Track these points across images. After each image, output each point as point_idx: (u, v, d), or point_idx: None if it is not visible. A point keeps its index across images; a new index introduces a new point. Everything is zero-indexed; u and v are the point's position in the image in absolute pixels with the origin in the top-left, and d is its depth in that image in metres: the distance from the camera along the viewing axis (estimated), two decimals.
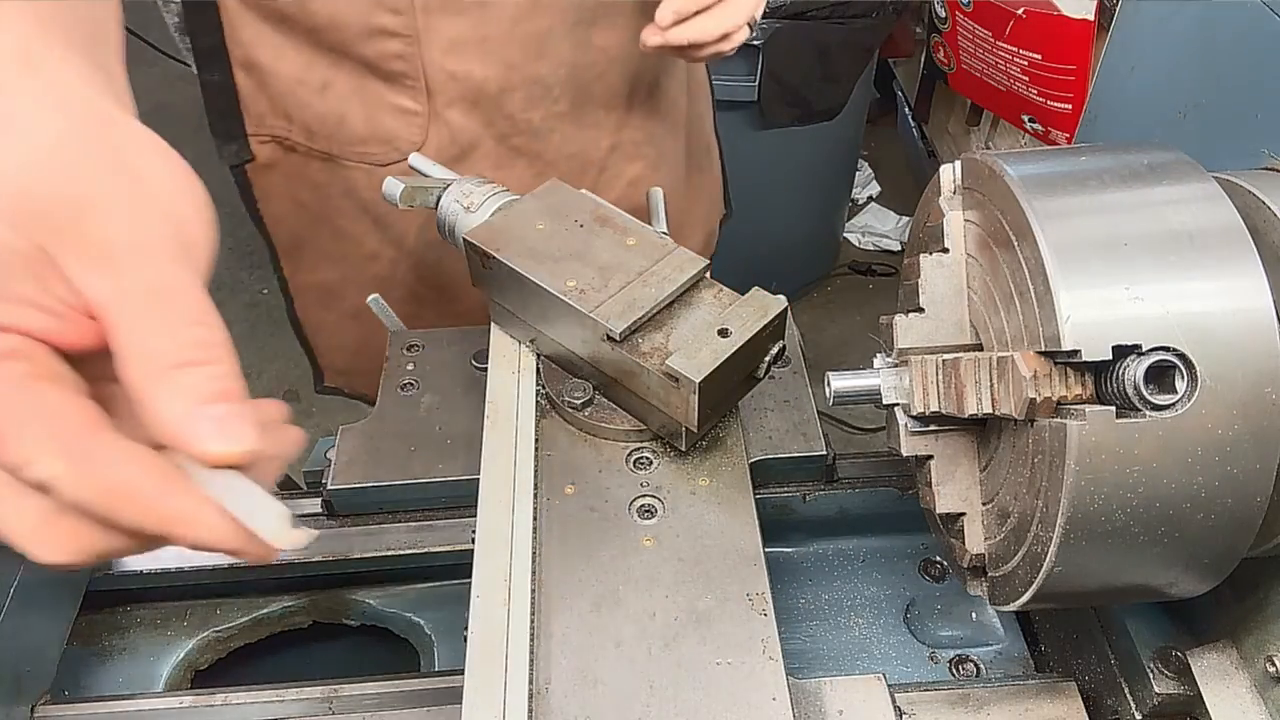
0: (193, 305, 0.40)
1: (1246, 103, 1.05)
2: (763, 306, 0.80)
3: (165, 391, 0.38)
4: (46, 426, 0.37)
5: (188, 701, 0.79)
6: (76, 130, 0.42)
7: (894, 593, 0.92)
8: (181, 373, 0.38)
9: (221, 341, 0.40)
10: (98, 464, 0.37)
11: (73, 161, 0.40)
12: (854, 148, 2.94)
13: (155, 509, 0.38)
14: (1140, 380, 0.54)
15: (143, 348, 0.38)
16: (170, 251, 0.41)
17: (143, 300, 0.39)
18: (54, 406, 0.38)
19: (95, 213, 0.39)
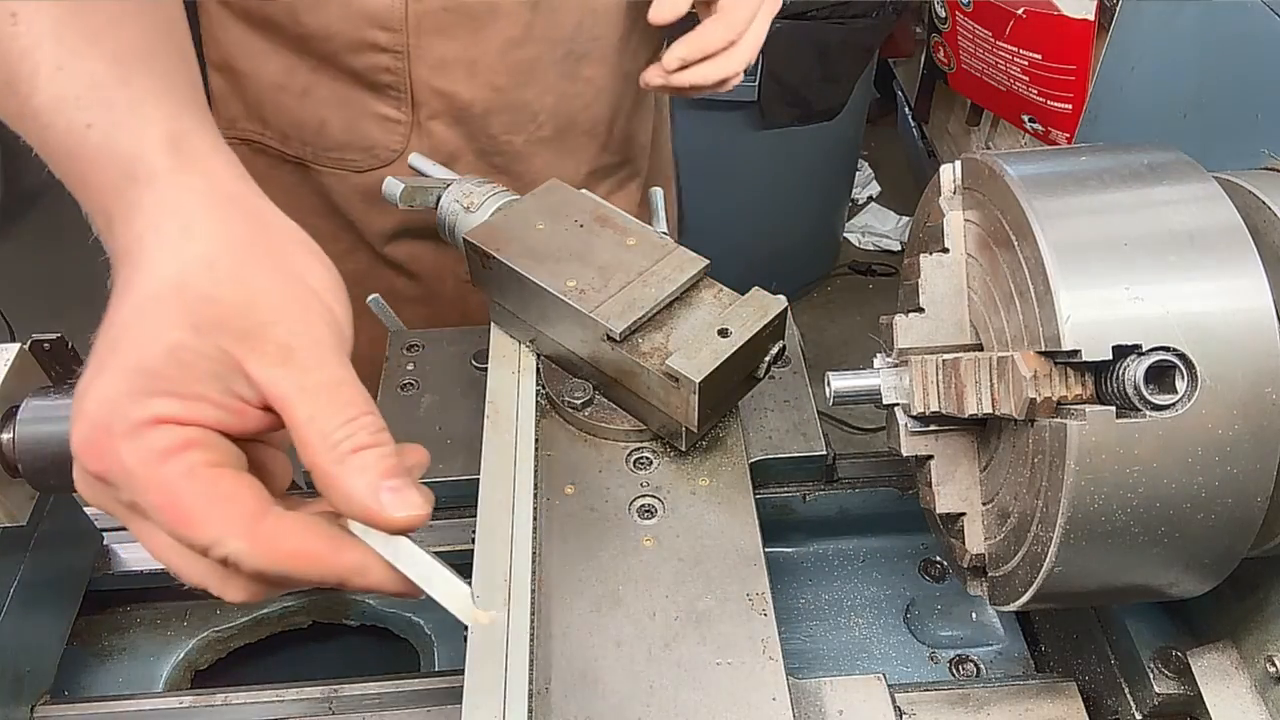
0: (359, 396, 0.46)
1: (1246, 103, 1.05)
2: (763, 306, 0.80)
3: (349, 473, 0.44)
4: (226, 511, 0.43)
5: (187, 701, 0.79)
6: (241, 235, 0.47)
7: (894, 593, 0.92)
8: (359, 456, 0.44)
9: (382, 424, 0.46)
10: (272, 539, 0.43)
11: (245, 267, 0.46)
12: (854, 148, 2.94)
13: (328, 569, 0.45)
14: (1140, 380, 0.53)
15: (326, 438, 0.44)
16: (334, 345, 0.47)
17: (321, 396, 0.45)
18: (230, 492, 0.44)
19: (272, 316, 0.45)
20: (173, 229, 0.46)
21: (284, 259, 0.48)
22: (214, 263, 0.46)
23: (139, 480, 0.43)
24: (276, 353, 0.45)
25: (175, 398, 0.44)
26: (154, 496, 0.43)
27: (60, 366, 0.78)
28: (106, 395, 0.44)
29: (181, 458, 0.43)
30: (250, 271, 0.46)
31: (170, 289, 0.45)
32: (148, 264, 0.46)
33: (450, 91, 1.02)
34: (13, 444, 0.69)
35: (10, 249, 3.27)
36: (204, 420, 0.44)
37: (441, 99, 1.02)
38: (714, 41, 0.89)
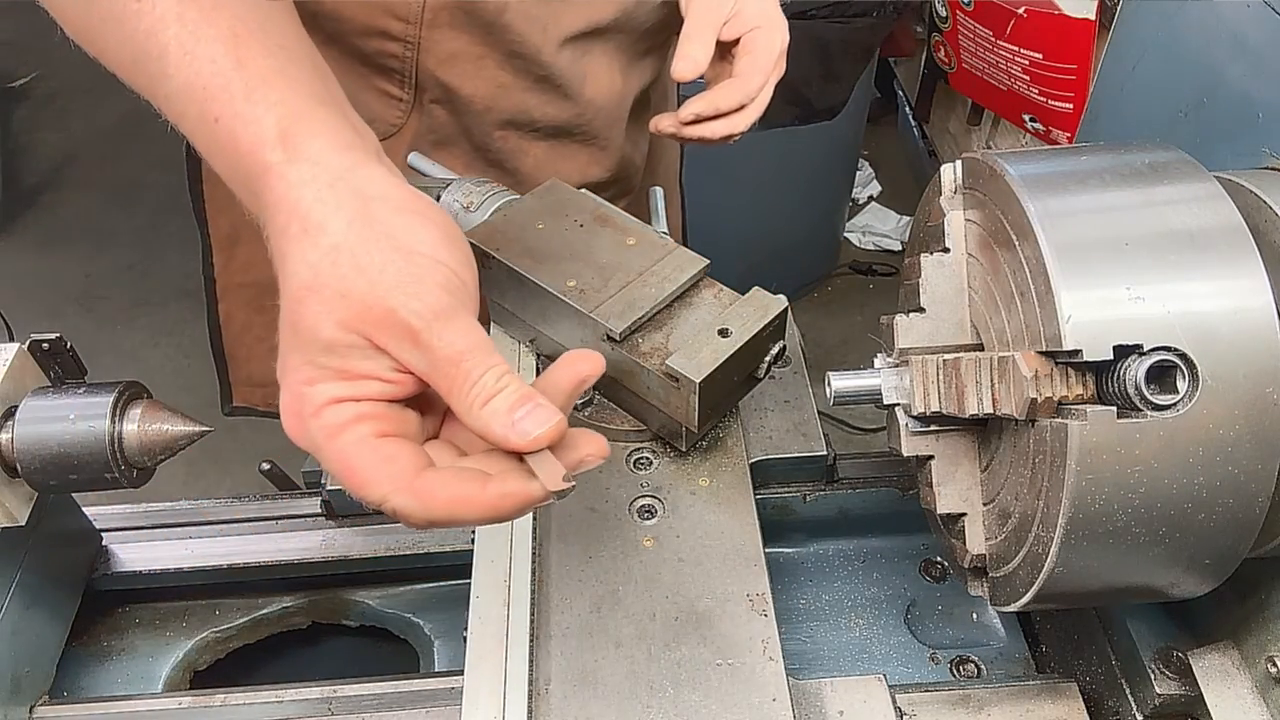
0: (480, 355, 0.53)
1: (1247, 102, 1.05)
2: (763, 306, 0.80)
3: (485, 422, 0.52)
4: (390, 472, 0.52)
5: (186, 702, 0.79)
6: (352, 219, 0.54)
7: (894, 593, 0.92)
8: (489, 406, 0.52)
9: (503, 365, 0.54)
10: (429, 494, 0.52)
11: (362, 254, 0.53)
12: (854, 147, 2.93)
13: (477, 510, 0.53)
14: (1141, 380, 0.53)
15: (462, 401, 0.53)
16: (451, 308, 0.53)
17: (448, 369, 0.53)
18: (392, 455, 0.52)
19: (394, 299, 0.52)
20: (297, 226, 0.54)
21: (393, 233, 0.54)
22: (338, 257, 0.53)
23: (324, 451, 0.53)
24: (405, 335, 0.52)
25: (342, 380, 0.53)
26: (334, 464, 0.53)
27: (60, 367, 0.78)
28: (294, 388, 0.53)
29: (353, 430, 0.52)
30: (369, 256, 0.53)
31: (312, 286, 0.53)
32: (292, 260, 0.54)
33: (454, 85, 1.03)
34: (12, 444, 0.69)
35: (10, 249, 3.27)
36: (369, 394, 0.53)
37: (443, 89, 1.03)
38: (729, 102, 0.93)
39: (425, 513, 0.52)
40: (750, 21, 0.95)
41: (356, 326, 0.52)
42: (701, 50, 0.92)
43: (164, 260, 3.20)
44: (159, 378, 2.80)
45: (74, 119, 3.79)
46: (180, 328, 3.00)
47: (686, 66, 0.91)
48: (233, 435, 2.66)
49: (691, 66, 0.92)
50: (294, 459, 1.27)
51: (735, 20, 0.94)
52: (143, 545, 0.91)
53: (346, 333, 0.52)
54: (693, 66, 0.92)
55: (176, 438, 0.72)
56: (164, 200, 3.37)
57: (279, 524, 0.92)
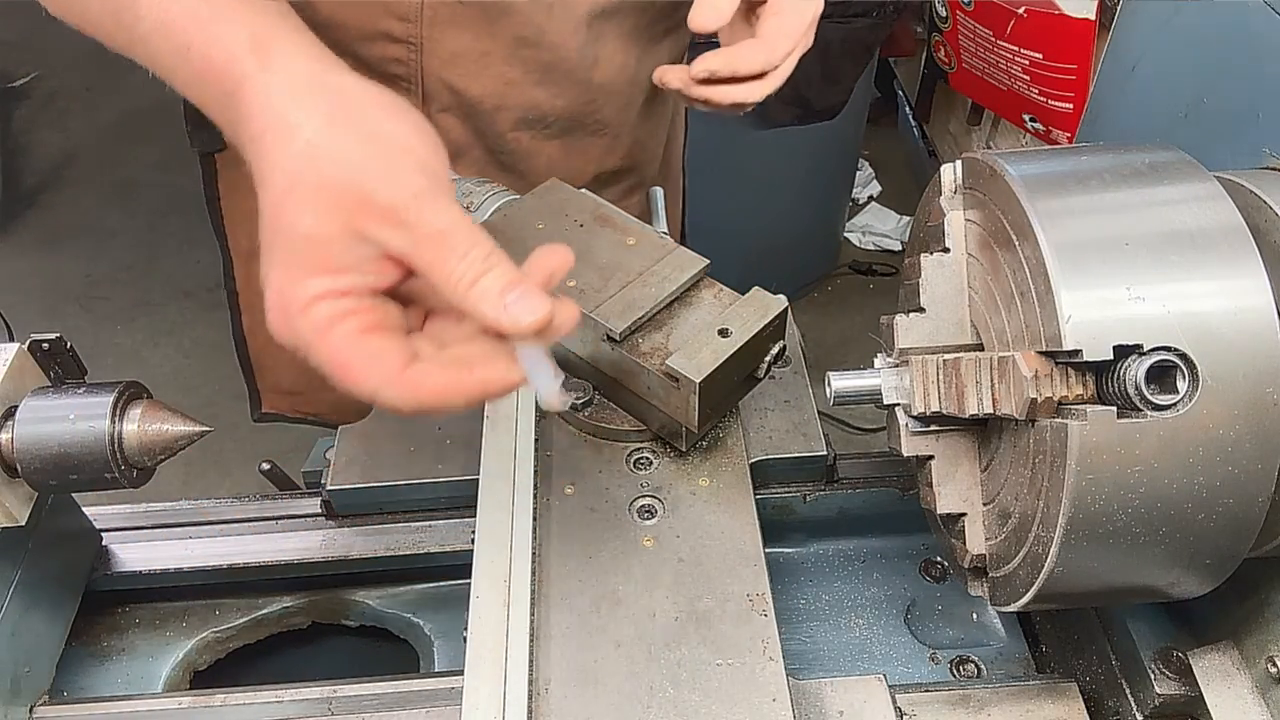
0: (462, 233, 0.55)
1: (1247, 102, 1.05)
2: (763, 306, 0.80)
3: (475, 302, 0.54)
4: (378, 367, 0.54)
5: (186, 702, 0.79)
6: (327, 115, 0.55)
7: (895, 593, 0.92)
8: (480, 283, 0.54)
9: (493, 247, 0.55)
10: (416, 386, 0.54)
11: (339, 145, 0.54)
12: (854, 147, 2.93)
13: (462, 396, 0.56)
14: (1141, 380, 0.53)
15: (448, 279, 0.54)
16: (429, 189, 0.55)
17: (431, 246, 0.54)
18: (380, 350, 0.54)
19: (372, 183, 0.53)
20: (275, 126, 0.55)
21: (367, 124, 0.56)
22: (314, 152, 0.54)
23: (314, 348, 0.54)
24: (385, 216, 0.53)
25: (325, 274, 0.54)
26: (325, 360, 0.54)
27: (59, 367, 0.78)
28: (278, 285, 0.54)
29: (341, 326, 0.54)
30: (344, 147, 0.54)
31: (289, 187, 0.54)
32: (268, 164, 0.55)
33: (460, 86, 1.01)
34: (12, 444, 0.69)
35: (10, 249, 3.27)
36: (353, 287, 0.54)
37: (451, 93, 1.02)
38: (748, 65, 0.85)
39: (415, 403, 0.55)
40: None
41: (337, 215, 0.53)
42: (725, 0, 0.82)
43: (164, 260, 3.21)
44: (159, 378, 2.80)
45: (74, 119, 3.79)
46: (180, 328, 3.01)
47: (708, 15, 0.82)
48: (233, 435, 2.66)
49: (714, 16, 0.82)
50: (294, 459, 1.27)
51: None
52: (143, 545, 0.91)
53: (327, 222, 0.53)
54: (715, 16, 0.82)
55: (176, 438, 0.72)
56: (164, 200, 3.37)
57: (279, 524, 0.92)
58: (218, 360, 2.90)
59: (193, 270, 3.14)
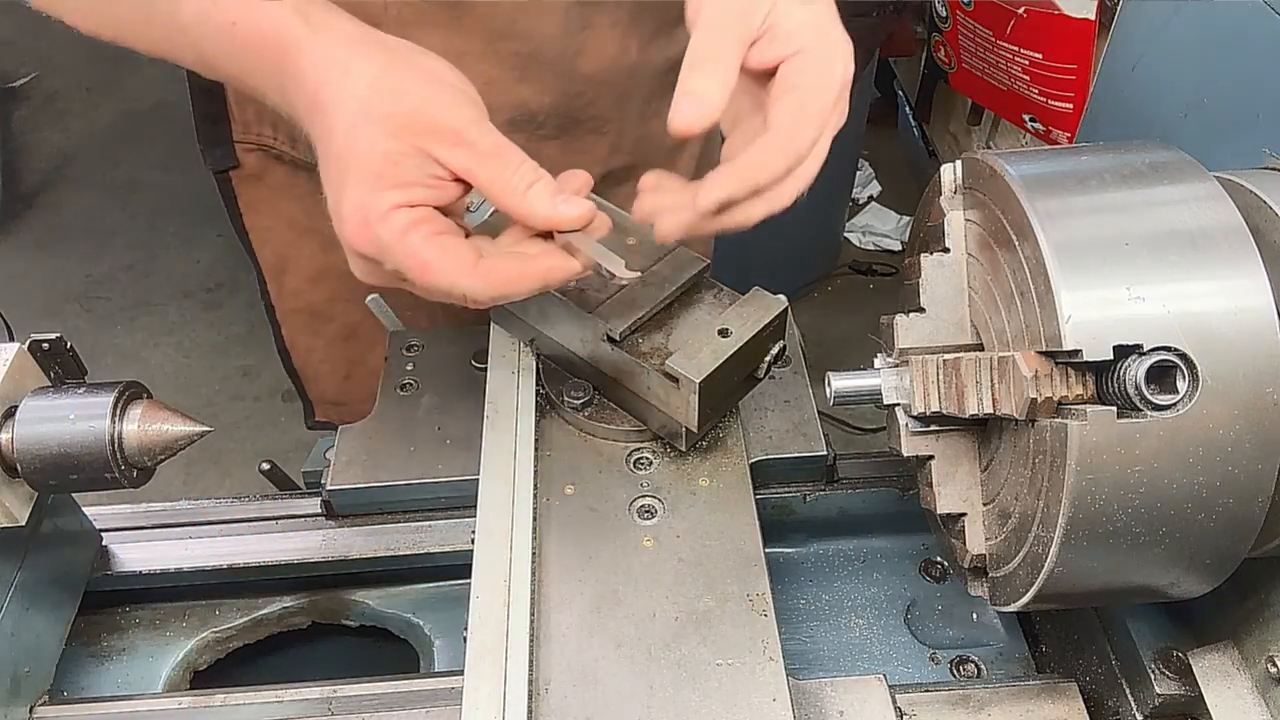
0: (515, 151, 0.64)
1: (1247, 102, 1.05)
2: (763, 306, 0.80)
3: (532, 203, 0.64)
4: (455, 262, 0.62)
5: (186, 702, 0.79)
6: (383, 61, 0.63)
7: (894, 593, 0.92)
8: (534, 190, 0.64)
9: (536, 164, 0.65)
10: (489, 275, 0.63)
11: (401, 82, 0.63)
12: (854, 148, 2.93)
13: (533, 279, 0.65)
14: (1141, 380, 0.53)
15: (507, 186, 0.64)
16: (482, 118, 0.64)
17: (491, 160, 0.63)
18: (454, 248, 0.63)
19: (435, 111, 0.62)
20: (336, 75, 0.62)
21: (420, 67, 0.64)
22: (378, 86, 0.62)
23: (394, 251, 0.61)
24: (450, 137, 0.62)
25: (400, 188, 0.61)
26: (406, 260, 0.61)
27: (59, 367, 0.78)
28: (357, 198, 0.61)
29: (418, 230, 0.61)
30: (406, 84, 0.63)
31: (361, 117, 0.61)
32: (335, 106, 0.62)
33: None
34: (12, 444, 0.69)
35: (10, 249, 3.27)
36: (423, 199, 0.62)
37: None
38: (770, 170, 0.65)
39: (490, 289, 0.63)
40: (794, 41, 0.66)
41: (408, 137, 0.61)
42: (715, 84, 0.63)
43: (164, 260, 3.21)
44: (159, 378, 2.80)
45: (74, 119, 3.79)
46: (180, 328, 3.01)
47: (691, 111, 0.62)
48: (233, 435, 2.66)
49: (698, 111, 0.62)
50: (294, 459, 1.27)
51: (769, 37, 0.66)
52: (143, 545, 0.91)
53: (398, 142, 0.61)
54: (700, 111, 0.62)
55: (176, 438, 0.72)
56: (164, 200, 3.37)
57: (279, 524, 0.92)
58: (218, 360, 2.90)
59: (193, 270, 3.14)
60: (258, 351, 2.85)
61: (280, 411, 2.70)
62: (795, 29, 0.66)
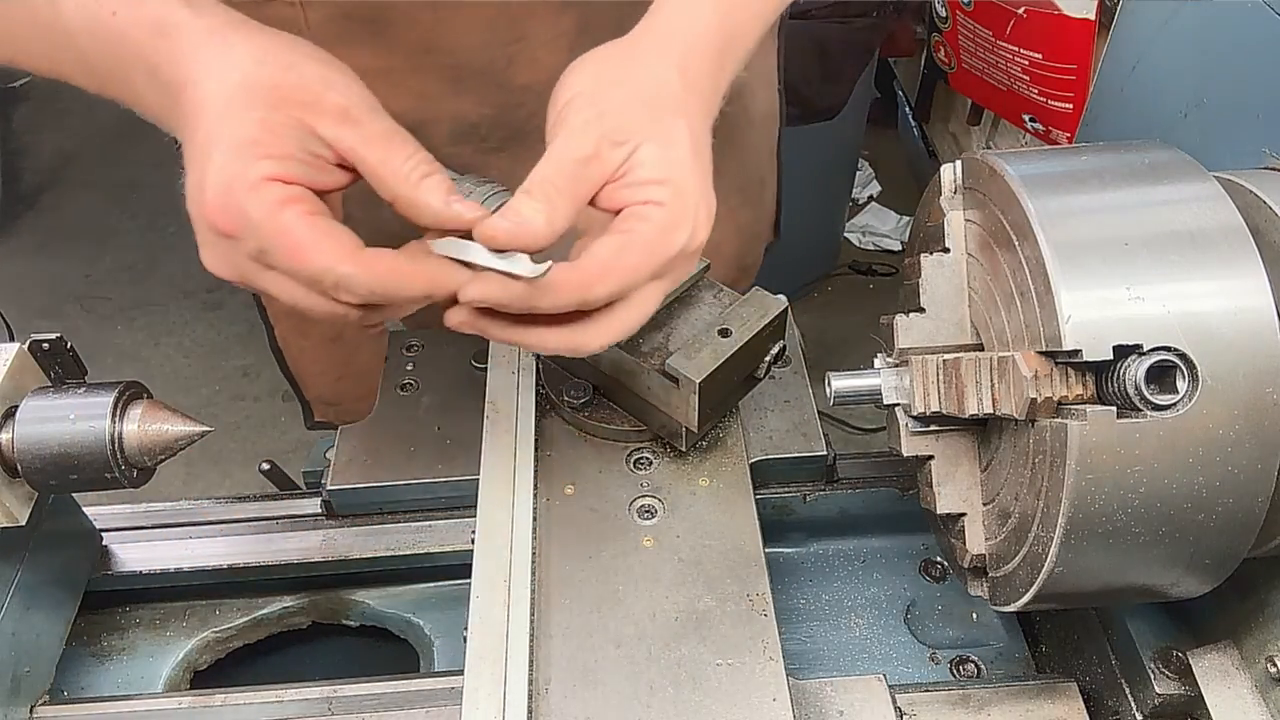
0: (409, 138, 0.57)
1: (1247, 102, 1.05)
2: (763, 306, 0.80)
3: (425, 194, 0.56)
4: (333, 244, 0.54)
5: (187, 702, 0.79)
6: (269, 39, 0.57)
7: (894, 593, 0.92)
8: (428, 180, 0.56)
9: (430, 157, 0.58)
10: (371, 262, 0.54)
11: (287, 56, 0.56)
12: (854, 147, 2.93)
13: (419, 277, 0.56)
14: (1141, 380, 0.53)
15: (397, 173, 0.56)
16: (373, 104, 0.58)
17: (381, 143, 0.56)
18: (332, 230, 0.55)
19: (322, 87, 0.56)
20: (217, 52, 0.56)
21: (307, 48, 0.58)
22: (262, 60, 0.56)
23: (263, 227, 0.53)
24: (337, 114, 0.55)
25: (274, 159, 0.54)
26: (275, 238, 0.53)
27: (60, 367, 0.78)
28: (223, 166, 0.53)
29: (292, 207, 0.54)
30: (292, 58, 0.56)
31: (239, 89, 0.55)
32: (212, 81, 0.55)
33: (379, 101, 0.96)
34: (12, 444, 0.69)
35: (10, 249, 3.27)
36: (299, 177, 0.55)
37: None
38: (555, 297, 0.57)
39: (371, 279, 0.54)
40: (645, 192, 0.59)
41: (286, 108, 0.54)
42: (542, 217, 0.56)
43: (164, 260, 3.20)
44: (159, 378, 2.80)
45: (74, 119, 3.79)
46: (180, 328, 3.00)
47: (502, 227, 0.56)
48: (233, 435, 2.66)
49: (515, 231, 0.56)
50: (294, 459, 1.27)
51: (623, 181, 0.59)
52: (143, 545, 0.91)
53: (277, 112, 0.54)
54: (516, 232, 0.56)
55: (176, 438, 0.72)
56: (164, 200, 3.37)
57: (279, 524, 0.92)
58: (218, 360, 2.90)
59: (193, 270, 3.11)
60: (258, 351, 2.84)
61: (280, 411, 2.70)
62: (649, 179, 0.59)
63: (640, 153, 0.59)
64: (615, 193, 0.60)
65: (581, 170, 0.59)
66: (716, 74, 0.67)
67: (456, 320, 0.60)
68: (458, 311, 0.59)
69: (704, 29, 0.65)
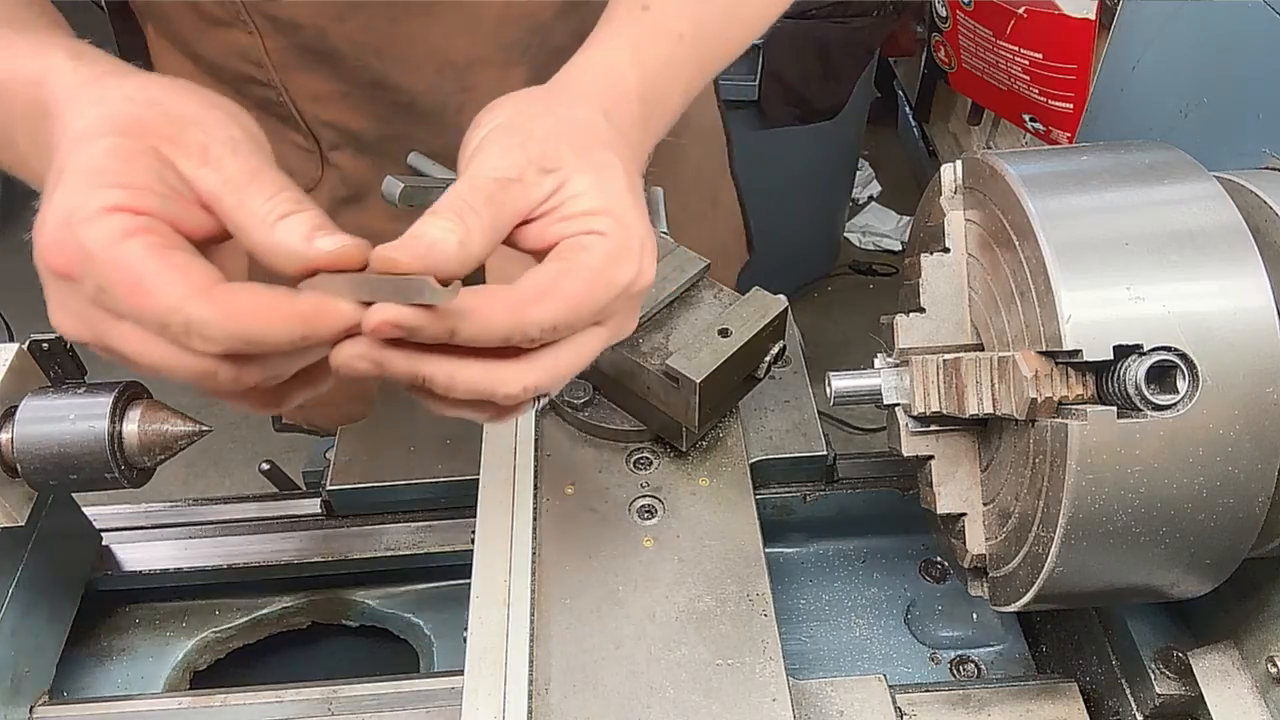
0: (277, 177, 0.49)
1: (1248, 102, 1.05)
2: (763, 306, 0.80)
3: (281, 235, 0.47)
4: (182, 278, 0.45)
5: (186, 703, 0.79)
6: (147, 80, 0.52)
7: (895, 593, 0.92)
8: (287, 220, 0.47)
9: (305, 197, 0.49)
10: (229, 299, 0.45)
11: (160, 94, 0.51)
12: (854, 147, 2.94)
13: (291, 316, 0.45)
14: (1141, 380, 0.53)
15: (253, 215, 0.47)
16: (248, 144, 0.50)
17: (242, 182, 0.48)
18: (184, 263, 0.46)
19: (190, 125, 0.49)
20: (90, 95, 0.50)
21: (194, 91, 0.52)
22: (130, 97, 0.50)
23: (100, 263, 0.45)
24: (197, 151, 0.48)
25: (123, 188, 0.46)
26: (114, 273, 0.45)
27: (59, 367, 0.78)
28: (63, 198, 0.47)
29: (138, 238, 0.45)
30: (163, 96, 0.50)
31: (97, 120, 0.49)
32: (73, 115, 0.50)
33: (340, 121, 0.94)
34: (11, 444, 0.69)
35: (10, 249, 3.27)
36: (152, 208, 0.46)
37: (334, 130, 0.95)
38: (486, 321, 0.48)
39: (226, 322, 0.44)
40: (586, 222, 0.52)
41: (143, 137, 0.48)
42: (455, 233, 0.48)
43: None
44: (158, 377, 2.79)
45: None
46: None
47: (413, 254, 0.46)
48: (233, 435, 2.66)
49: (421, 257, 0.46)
50: (294, 459, 1.27)
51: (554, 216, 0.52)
52: (143, 545, 0.91)
53: (131, 139, 0.48)
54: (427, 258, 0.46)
55: (176, 438, 0.72)
56: None
57: (279, 524, 0.92)
58: None
59: None
60: None
61: None
62: (588, 209, 0.52)
63: (574, 184, 0.52)
64: (547, 229, 0.52)
65: (501, 192, 0.50)
66: (642, 128, 0.62)
67: (350, 355, 0.47)
68: (354, 344, 0.47)
69: (626, 88, 0.62)
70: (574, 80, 0.62)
